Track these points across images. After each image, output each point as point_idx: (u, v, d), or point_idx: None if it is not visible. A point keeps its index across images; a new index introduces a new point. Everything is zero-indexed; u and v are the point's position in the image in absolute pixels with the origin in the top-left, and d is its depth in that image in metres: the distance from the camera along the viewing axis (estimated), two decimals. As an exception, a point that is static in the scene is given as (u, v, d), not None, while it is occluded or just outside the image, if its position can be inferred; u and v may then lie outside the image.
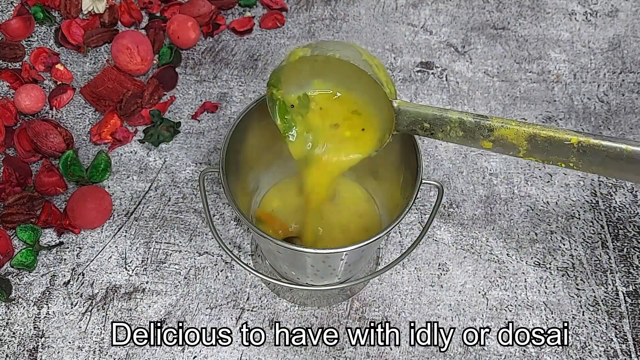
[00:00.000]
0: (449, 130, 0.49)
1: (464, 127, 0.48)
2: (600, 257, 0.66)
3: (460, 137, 0.48)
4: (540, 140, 0.46)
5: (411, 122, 0.50)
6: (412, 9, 0.86)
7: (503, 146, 0.47)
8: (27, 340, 0.61)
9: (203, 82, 0.78)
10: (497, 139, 0.47)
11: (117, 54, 0.75)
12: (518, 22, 0.85)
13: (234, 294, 0.63)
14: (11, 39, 0.79)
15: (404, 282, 0.64)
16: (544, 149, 0.46)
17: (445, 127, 0.49)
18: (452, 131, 0.49)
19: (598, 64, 0.81)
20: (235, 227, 0.68)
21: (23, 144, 0.70)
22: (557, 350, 0.61)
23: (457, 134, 0.49)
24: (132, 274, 0.64)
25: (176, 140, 0.74)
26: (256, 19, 0.84)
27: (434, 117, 0.49)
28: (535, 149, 0.46)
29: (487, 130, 0.48)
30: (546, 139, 0.46)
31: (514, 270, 0.65)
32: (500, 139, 0.47)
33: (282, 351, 0.61)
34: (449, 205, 0.69)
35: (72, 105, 0.76)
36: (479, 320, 0.62)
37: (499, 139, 0.47)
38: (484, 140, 0.48)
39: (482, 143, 0.48)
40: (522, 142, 0.47)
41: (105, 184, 0.70)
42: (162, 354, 0.60)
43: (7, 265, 0.64)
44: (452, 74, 0.80)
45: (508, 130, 0.47)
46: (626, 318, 0.63)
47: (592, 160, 0.44)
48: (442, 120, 0.49)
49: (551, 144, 0.46)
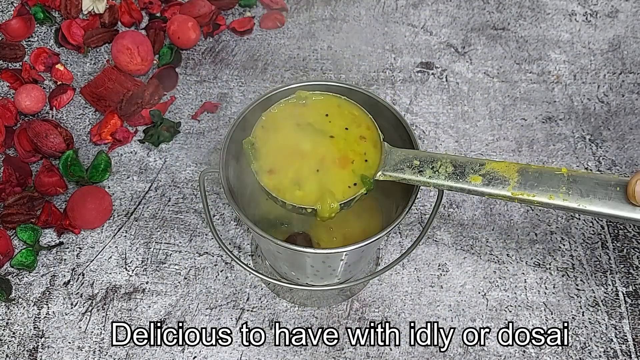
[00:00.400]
0: (439, 167, 0.49)
1: (455, 163, 0.49)
2: (600, 257, 0.66)
3: (450, 173, 0.49)
4: (531, 171, 0.47)
5: (401, 160, 0.50)
6: (413, 10, 0.86)
7: (493, 180, 0.47)
8: (27, 340, 0.61)
9: (203, 83, 0.78)
10: (488, 172, 0.48)
11: (118, 54, 0.75)
12: (518, 23, 0.85)
13: (234, 294, 0.63)
14: (11, 39, 0.79)
15: (404, 283, 0.64)
16: (534, 180, 0.46)
17: (435, 164, 0.49)
18: (442, 167, 0.49)
19: (598, 64, 0.81)
20: (235, 228, 0.68)
21: (23, 144, 0.70)
22: (557, 351, 0.61)
23: (446, 170, 0.49)
24: (132, 274, 0.64)
25: (176, 140, 0.74)
26: (256, 19, 0.84)
27: (425, 155, 0.50)
28: (526, 180, 0.46)
29: (478, 164, 0.48)
30: (537, 170, 0.47)
31: (514, 270, 0.65)
32: (491, 172, 0.48)
33: (282, 351, 0.61)
34: (449, 206, 0.69)
35: (72, 106, 0.76)
36: (479, 320, 0.62)
37: (489, 172, 0.48)
38: (473, 174, 0.48)
39: (471, 178, 0.48)
40: (512, 174, 0.47)
41: (105, 184, 0.70)
42: (162, 354, 0.60)
43: (7, 265, 0.64)
44: (452, 74, 0.80)
45: (499, 163, 0.48)
46: (626, 318, 0.63)
47: (581, 189, 0.45)
48: (434, 157, 0.50)
49: (541, 174, 0.46)
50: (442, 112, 0.76)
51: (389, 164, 0.51)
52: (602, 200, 0.44)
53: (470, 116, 0.76)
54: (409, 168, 0.50)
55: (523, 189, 0.46)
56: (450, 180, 0.48)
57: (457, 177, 0.48)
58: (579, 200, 0.45)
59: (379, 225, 0.60)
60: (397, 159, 0.51)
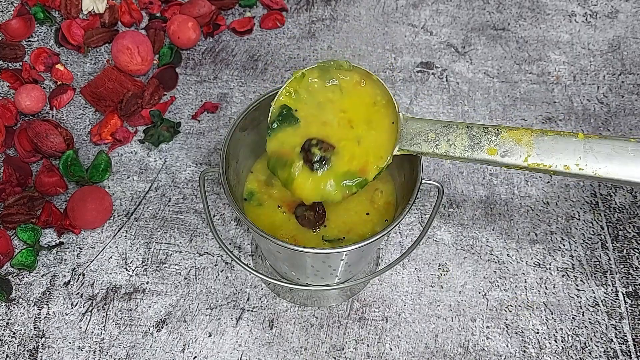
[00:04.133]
0: (455, 139, 0.49)
1: (470, 134, 0.49)
2: (600, 258, 0.66)
3: (466, 146, 0.48)
4: (547, 140, 0.46)
5: (416, 134, 0.50)
6: (413, 10, 0.86)
7: (509, 151, 0.47)
8: (27, 340, 0.61)
9: (203, 83, 0.78)
10: (503, 143, 0.47)
11: (118, 54, 0.75)
12: (518, 24, 0.85)
13: (234, 295, 0.64)
14: (11, 39, 0.79)
15: (404, 283, 0.64)
16: (551, 149, 0.46)
17: (451, 136, 0.49)
18: (457, 139, 0.49)
19: (598, 65, 0.81)
20: (236, 228, 0.68)
21: (23, 144, 0.70)
22: (557, 351, 0.61)
23: (462, 142, 0.49)
24: (132, 274, 0.64)
25: (176, 140, 0.74)
26: (256, 19, 0.84)
27: (440, 127, 0.50)
28: (542, 150, 0.46)
29: (493, 134, 0.48)
30: (553, 138, 0.46)
31: (514, 270, 0.65)
32: (507, 142, 0.47)
33: (282, 351, 0.61)
34: (449, 206, 0.69)
35: (73, 106, 0.76)
36: (479, 320, 0.62)
37: (505, 143, 0.47)
38: (489, 146, 0.48)
39: (487, 150, 0.48)
40: (529, 143, 0.47)
41: (105, 184, 0.70)
42: (162, 354, 0.60)
43: (8, 266, 0.64)
44: (452, 74, 0.80)
45: (515, 132, 0.47)
46: (626, 319, 0.63)
47: (597, 157, 0.45)
48: (449, 129, 0.49)
49: (558, 142, 0.46)
50: (442, 112, 0.76)
51: (405, 138, 0.50)
52: (619, 166, 0.44)
53: (471, 116, 0.76)
54: (425, 142, 0.50)
55: (539, 159, 0.46)
56: (467, 152, 0.49)
57: (473, 150, 0.48)
58: (595, 168, 0.45)
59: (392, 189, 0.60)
60: (413, 132, 0.50)
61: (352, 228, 0.57)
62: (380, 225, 0.57)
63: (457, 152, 0.49)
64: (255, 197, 0.58)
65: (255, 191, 0.59)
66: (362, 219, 0.57)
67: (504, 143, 0.48)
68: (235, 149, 0.55)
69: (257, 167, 0.60)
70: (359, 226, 0.57)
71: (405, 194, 0.55)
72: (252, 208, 0.58)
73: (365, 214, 0.57)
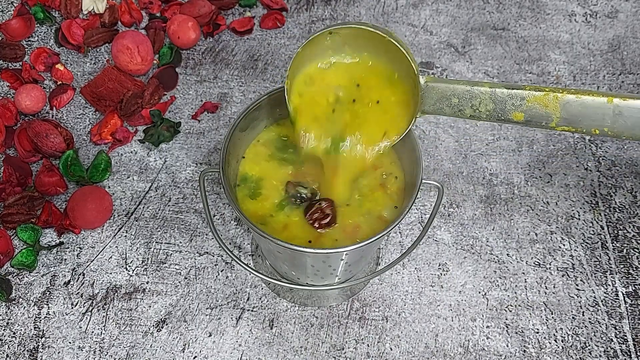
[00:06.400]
0: (479, 104, 0.47)
1: (494, 99, 0.47)
2: (600, 257, 0.66)
3: (491, 110, 0.47)
4: (575, 105, 0.45)
5: (439, 98, 0.48)
6: (413, 9, 0.86)
7: (535, 116, 0.45)
8: (27, 340, 0.61)
9: (203, 82, 0.78)
10: (529, 108, 0.46)
11: (118, 54, 0.75)
12: (518, 23, 0.85)
13: (234, 294, 0.64)
14: (11, 39, 0.79)
15: (404, 282, 0.65)
16: (578, 114, 0.44)
17: (474, 101, 0.47)
18: (481, 104, 0.47)
19: (598, 65, 0.81)
20: (236, 227, 0.68)
21: (23, 144, 0.70)
22: (557, 350, 0.61)
23: (487, 108, 0.47)
24: (132, 274, 0.64)
25: (176, 140, 0.74)
26: (256, 19, 0.84)
27: (463, 91, 0.47)
28: (569, 115, 0.45)
29: (519, 99, 0.46)
30: (580, 102, 0.45)
31: (514, 270, 0.65)
32: (533, 108, 0.46)
33: (282, 351, 0.61)
34: (449, 205, 0.69)
35: (73, 105, 0.76)
36: (479, 320, 0.62)
37: (531, 108, 0.46)
38: (515, 111, 0.46)
39: (513, 115, 0.46)
40: (555, 108, 0.45)
41: (105, 184, 0.70)
42: (162, 353, 0.60)
43: (8, 265, 0.64)
44: (453, 74, 0.80)
45: (541, 96, 0.46)
46: (626, 319, 0.63)
47: (627, 122, 0.44)
48: (472, 93, 0.47)
49: (585, 107, 0.44)
50: (442, 112, 0.76)
51: (427, 103, 0.49)
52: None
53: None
54: (449, 107, 0.48)
55: (567, 123, 0.45)
56: (492, 118, 0.47)
57: (498, 115, 0.47)
58: (624, 132, 0.44)
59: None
60: (435, 98, 0.48)
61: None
62: (388, 212, 0.56)
63: (482, 118, 0.47)
64: (248, 181, 0.57)
65: (248, 175, 0.57)
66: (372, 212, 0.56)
67: (529, 108, 0.46)
68: (235, 149, 0.55)
69: (249, 153, 0.59)
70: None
71: (406, 194, 0.55)
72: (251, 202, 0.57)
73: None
